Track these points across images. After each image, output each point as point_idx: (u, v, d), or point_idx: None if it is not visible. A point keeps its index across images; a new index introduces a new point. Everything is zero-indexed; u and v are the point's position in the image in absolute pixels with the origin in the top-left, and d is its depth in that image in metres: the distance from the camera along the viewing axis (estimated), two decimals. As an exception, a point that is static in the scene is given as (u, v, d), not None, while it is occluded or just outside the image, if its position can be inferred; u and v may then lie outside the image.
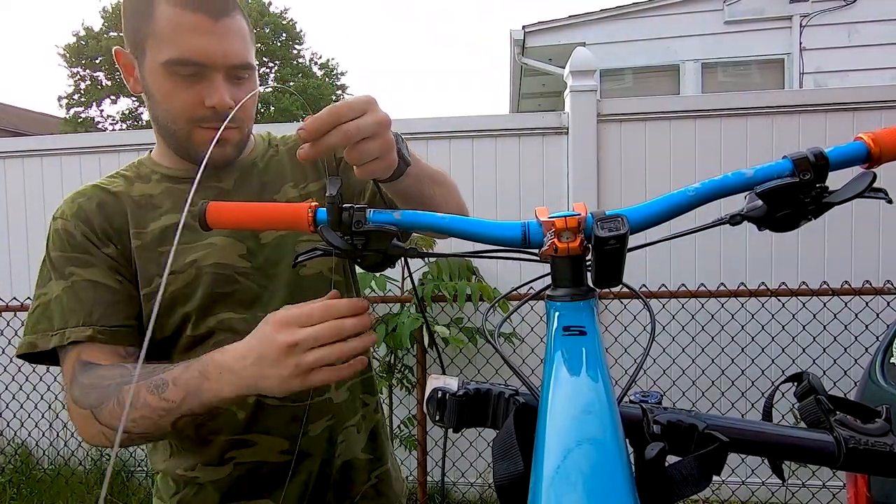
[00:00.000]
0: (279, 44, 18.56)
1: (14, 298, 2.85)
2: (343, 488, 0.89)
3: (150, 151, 0.90)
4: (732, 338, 2.56)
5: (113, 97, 17.76)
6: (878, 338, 2.35)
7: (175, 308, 0.81)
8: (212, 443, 0.82)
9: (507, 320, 0.84)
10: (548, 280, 0.56)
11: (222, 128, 0.70)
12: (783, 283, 2.43)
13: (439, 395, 0.55)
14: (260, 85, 0.85)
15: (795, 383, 0.54)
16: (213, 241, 0.82)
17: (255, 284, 0.83)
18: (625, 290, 0.83)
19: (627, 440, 0.44)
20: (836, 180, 0.51)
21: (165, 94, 0.77)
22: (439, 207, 0.83)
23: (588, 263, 0.54)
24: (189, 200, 0.58)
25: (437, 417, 0.55)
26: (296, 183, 0.90)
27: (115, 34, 17.12)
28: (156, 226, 0.82)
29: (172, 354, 0.83)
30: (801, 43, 4.95)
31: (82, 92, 17.50)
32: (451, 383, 0.56)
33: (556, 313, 0.52)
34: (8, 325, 2.90)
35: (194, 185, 0.59)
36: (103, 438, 0.73)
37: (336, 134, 0.61)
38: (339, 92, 20.49)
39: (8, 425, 3.09)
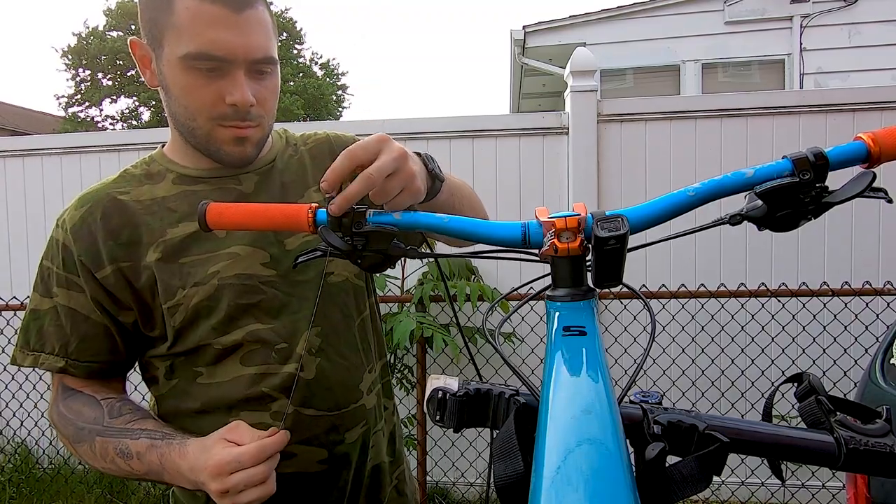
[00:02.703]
0: (279, 43, 18.55)
1: (14, 297, 2.85)
2: (374, 492, 0.89)
3: (163, 146, 0.86)
4: (732, 338, 2.56)
5: (113, 97, 17.76)
6: (877, 339, 2.35)
7: (198, 321, 0.78)
8: None
9: (507, 320, 0.84)
10: (548, 280, 0.56)
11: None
12: (783, 283, 2.43)
13: (440, 395, 0.55)
14: None
15: (796, 384, 0.54)
16: (235, 251, 0.79)
17: (282, 292, 0.80)
18: (625, 290, 0.83)
19: (628, 440, 0.44)
20: (836, 180, 0.52)
21: (184, 90, 0.74)
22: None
23: (588, 263, 0.54)
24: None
25: (438, 417, 0.55)
26: (320, 187, 0.88)
27: (118, 34, 17.11)
28: (175, 234, 0.78)
29: (198, 367, 0.80)
30: (801, 43, 4.95)
31: (82, 92, 17.49)
32: (452, 383, 0.56)
33: (556, 313, 0.52)
34: (8, 323, 2.90)
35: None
36: (80, 457, 0.80)
37: (360, 181, 0.61)
38: (340, 92, 20.48)
39: (8, 424, 3.09)
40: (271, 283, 0.80)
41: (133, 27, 16.91)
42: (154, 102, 17.08)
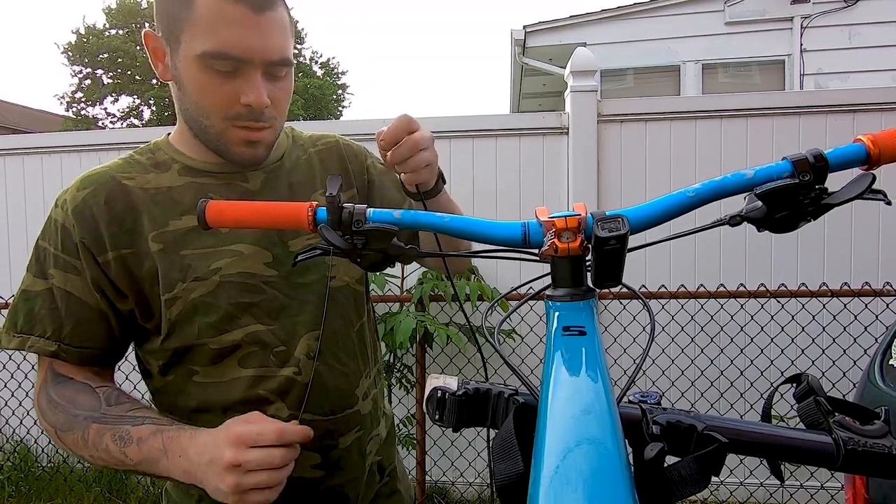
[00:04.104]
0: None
1: (13, 296, 2.85)
2: (367, 496, 0.90)
3: (168, 135, 0.85)
4: (731, 339, 2.56)
5: (114, 95, 17.74)
6: (876, 339, 2.35)
7: (195, 316, 0.77)
8: None
9: (507, 320, 0.84)
10: (547, 280, 0.56)
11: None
12: (782, 284, 2.43)
13: (439, 395, 0.55)
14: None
15: (794, 385, 0.54)
16: (239, 249, 0.78)
17: (282, 294, 0.80)
18: (624, 290, 0.83)
19: (627, 440, 0.44)
20: (836, 182, 0.52)
21: (199, 88, 0.73)
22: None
23: (588, 264, 0.54)
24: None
25: (437, 417, 0.55)
26: (325, 191, 0.87)
27: (118, 32, 17.08)
28: (177, 226, 0.77)
29: (194, 366, 0.79)
30: (801, 44, 4.95)
31: (84, 90, 17.47)
32: (451, 383, 0.56)
33: (556, 313, 0.52)
34: (7, 322, 2.90)
35: None
36: (62, 446, 0.76)
37: (408, 142, 0.71)
38: (340, 91, 20.47)
39: (7, 423, 3.09)
40: (272, 284, 0.79)
41: (134, 26, 16.89)
42: (154, 101, 17.05)
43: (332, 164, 0.91)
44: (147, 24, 0.85)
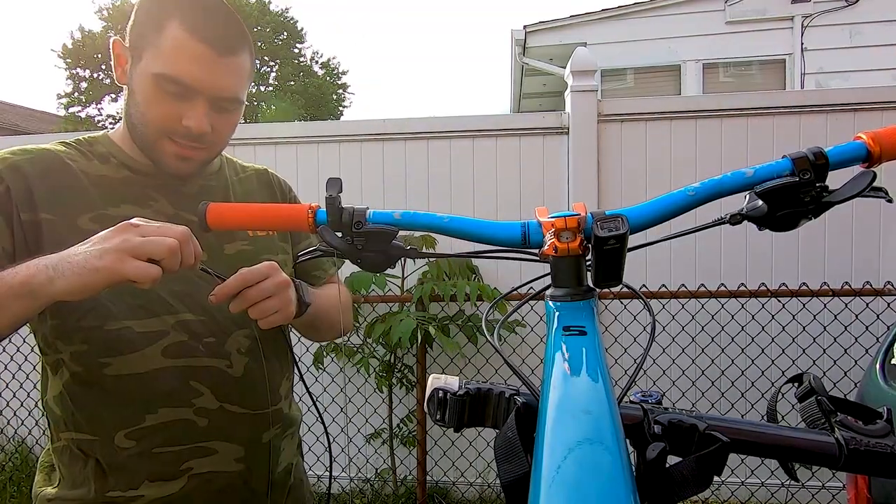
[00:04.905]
0: (279, 42, 18.51)
1: None
2: (278, 492, 0.92)
3: (107, 133, 0.87)
4: (732, 338, 2.56)
5: (113, 95, 17.72)
6: (878, 339, 2.34)
7: (122, 296, 0.76)
8: (167, 453, 0.79)
9: (507, 320, 0.85)
10: (548, 280, 0.56)
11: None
12: (783, 283, 2.43)
13: (440, 395, 0.55)
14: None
15: (796, 384, 0.54)
16: None
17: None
18: (625, 290, 0.83)
19: (628, 440, 0.44)
20: (836, 180, 0.51)
21: (146, 100, 0.78)
22: (321, 330, 0.97)
23: (588, 263, 0.54)
24: None
25: (438, 417, 0.55)
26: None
27: (115, 36, 17.02)
28: (116, 213, 0.78)
29: (107, 358, 0.76)
30: (802, 43, 4.94)
31: (82, 91, 17.46)
32: (452, 383, 0.56)
33: (556, 313, 0.52)
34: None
35: None
36: None
37: (241, 298, 0.73)
38: (341, 91, 20.46)
39: (8, 423, 3.09)
40: (206, 279, 0.78)
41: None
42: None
43: (265, 186, 0.98)
44: (116, 34, 0.87)
